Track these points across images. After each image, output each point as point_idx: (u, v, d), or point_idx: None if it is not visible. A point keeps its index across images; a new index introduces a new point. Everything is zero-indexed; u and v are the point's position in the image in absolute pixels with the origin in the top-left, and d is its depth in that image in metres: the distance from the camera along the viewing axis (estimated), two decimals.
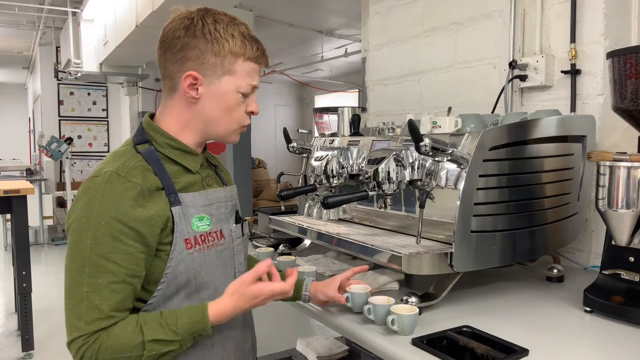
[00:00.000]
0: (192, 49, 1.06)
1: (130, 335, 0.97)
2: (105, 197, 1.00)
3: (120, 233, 0.99)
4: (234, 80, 1.09)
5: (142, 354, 0.97)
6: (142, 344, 0.97)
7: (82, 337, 0.96)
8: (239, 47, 1.07)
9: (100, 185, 1.01)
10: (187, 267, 1.06)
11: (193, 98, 1.09)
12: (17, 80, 12.02)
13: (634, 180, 1.26)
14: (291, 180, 2.91)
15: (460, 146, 1.38)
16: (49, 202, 7.73)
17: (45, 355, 3.47)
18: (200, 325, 1.02)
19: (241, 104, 1.12)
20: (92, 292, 0.97)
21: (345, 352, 2.42)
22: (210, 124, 1.12)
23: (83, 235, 0.98)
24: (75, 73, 6.11)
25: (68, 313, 0.99)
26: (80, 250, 0.98)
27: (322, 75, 9.11)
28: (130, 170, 1.03)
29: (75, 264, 0.99)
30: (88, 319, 0.96)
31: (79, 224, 1.00)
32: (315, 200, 1.95)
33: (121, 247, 0.99)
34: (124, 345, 0.97)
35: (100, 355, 0.96)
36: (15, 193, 3.34)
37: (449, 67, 2.33)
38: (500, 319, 1.30)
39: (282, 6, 5.20)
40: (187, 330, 1.01)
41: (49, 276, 5.62)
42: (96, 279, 0.97)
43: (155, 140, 1.11)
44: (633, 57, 1.33)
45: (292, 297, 1.38)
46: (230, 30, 1.07)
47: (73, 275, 0.99)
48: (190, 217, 1.08)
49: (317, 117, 2.13)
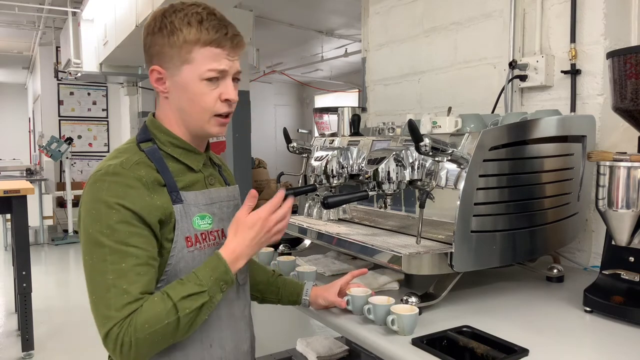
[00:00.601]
0: (154, 46, 1.08)
1: (160, 304, 0.97)
2: (112, 187, 1.00)
3: (132, 218, 0.99)
4: (193, 68, 1.06)
5: (178, 317, 0.97)
6: (174, 307, 0.97)
7: (116, 325, 0.95)
8: (193, 34, 1.05)
9: (106, 177, 1.02)
10: (188, 264, 1.07)
11: (163, 92, 1.11)
12: (17, 80, 12.03)
13: (634, 180, 1.26)
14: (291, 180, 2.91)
15: (460, 146, 1.38)
16: (49, 202, 7.73)
17: (45, 355, 3.47)
18: (220, 269, 1.03)
19: (209, 92, 1.08)
20: (118, 278, 0.96)
21: (345, 352, 2.42)
22: (184, 116, 1.11)
23: (96, 226, 0.98)
24: (75, 73, 6.11)
25: (96, 306, 0.97)
26: (97, 241, 0.98)
27: (322, 75, 9.11)
28: (133, 165, 1.04)
29: (96, 255, 0.98)
30: (118, 305, 0.96)
31: (90, 216, 1.00)
32: (315, 200, 1.95)
33: (137, 230, 1.00)
34: (157, 314, 0.96)
35: (138, 334, 0.94)
36: (15, 193, 3.34)
37: (449, 67, 2.33)
38: (500, 319, 1.30)
39: (282, 6, 5.21)
40: (209, 278, 1.01)
41: (49, 276, 5.63)
42: (120, 265, 0.97)
43: (158, 138, 1.12)
44: (633, 57, 1.33)
45: (293, 302, 1.40)
46: (187, 19, 1.05)
47: (95, 267, 0.98)
48: (192, 215, 1.09)
49: (317, 117, 2.13)
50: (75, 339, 3.78)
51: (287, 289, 1.40)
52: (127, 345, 0.95)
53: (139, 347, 0.95)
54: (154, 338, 0.96)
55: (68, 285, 5.54)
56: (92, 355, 3.46)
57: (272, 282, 1.40)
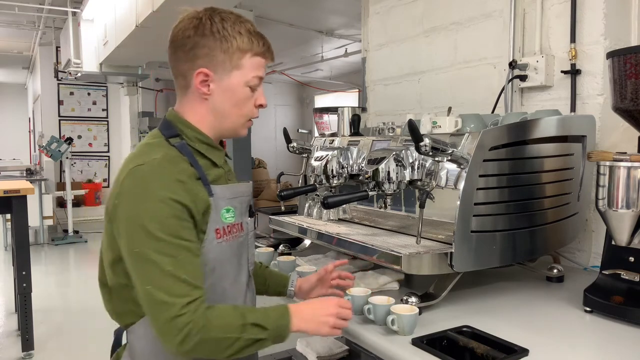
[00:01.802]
0: (202, 47, 1.10)
1: (234, 317, 1.03)
2: (160, 181, 1.03)
3: (182, 212, 1.03)
4: (242, 74, 1.13)
5: (240, 337, 1.02)
6: (242, 327, 1.02)
7: (185, 315, 0.98)
8: (246, 44, 1.11)
9: (152, 171, 1.04)
10: (216, 256, 1.11)
11: (205, 94, 1.13)
12: (17, 80, 12.03)
13: (634, 180, 1.26)
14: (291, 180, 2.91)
15: (460, 146, 1.38)
16: (49, 202, 7.72)
17: (45, 355, 3.47)
18: (283, 321, 1.07)
19: (250, 98, 1.16)
20: (176, 269, 1.00)
21: (345, 352, 2.41)
22: (221, 118, 1.16)
23: (147, 220, 1.00)
24: (75, 73, 6.11)
25: (153, 295, 0.99)
26: (152, 234, 1.00)
27: (322, 75, 9.11)
28: (175, 159, 1.08)
29: (149, 247, 1.00)
30: (178, 292, 0.99)
31: (140, 211, 1.01)
32: (315, 200, 1.95)
33: (186, 224, 1.04)
34: (228, 324, 1.01)
35: (207, 333, 0.99)
36: (15, 193, 3.34)
37: (449, 67, 2.33)
38: (500, 319, 1.30)
39: (282, 6, 5.20)
40: (275, 322, 1.06)
41: (49, 276, 5.63)
42: (176, 257, 1.00)
43: (185, 134, 1.14)
44: (633, 57, 1.33)
45: (278, 292, 1.45)
46: (237, 28, 1.11)
47: (149, 259, 1.00)
48: (220, 208, 1.13)
49: (317, 117, 2.13)
50: (75, 339, 3.78)
51: (274, 280, 1.45)
52: (192, 337, 0.98)
53: (200, 343, 0.99)
54: (216, 344, 1.01)
55: (68, 285, 5.54)
56: (92, 355, 3.46)
57: (260, 273, 1.44)
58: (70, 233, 7.21)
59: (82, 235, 7.25)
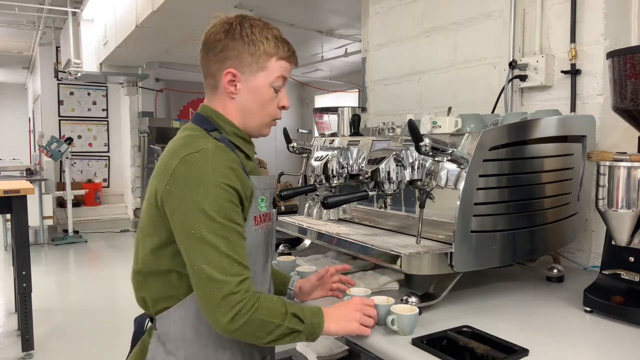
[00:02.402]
0: (232, 50, 1.18)
1: (278, 304, 1.10)
2: (216, 167, 1.09)
3: (235, 198, 1.10)
4: (267, 75, 1.20)
5: (282, 324, 1.08)
6: (284, 315, 1.09)
7: (236, 291, 1.04)
8: (272, 48, 1.19)
9: (206, 158, 1.10)
10: (253, 241, 1.18)
11: (232, 93, 1.20)
12: (17, 80, 12.02)
13: (634, 180, 1.26)
14: (291, 180, 2.91)
15: (460, 146, 1.38)
16: (49, 202, 7.72)
17: (45, 355, 3.47)
18: (320, 318, 1.14)
19: (274, 99, 1.23)
20: (230, 250, 1.06)
21: (345, 352, 2.41)
22: (247, 117, 1.23)
23: (205, 203, 1.06)
24: (75, 73, 6.12)
25: (210, 274, 1.04)
26: (209, 216, 1.06)
27: (322, 75, 9.11)
28: (224, 148, 1.15)
29: (206, 229, 1.06)
30: (233, 272, 1.05)
31: (196, 194, 1.07)
32: (315, 200, 1.95)
33: (237, 209, 1.11)
34: (274, 309, 1.08)
35: (257, 314, 1.05)
36: (15, 193, 3.34)
37: (449, 67, 2.33)
38: (500, 319, 1.30)
39: (282, 6, 5.21)
40: (310, 319, 1.12)
41: (49, 276, 5.63)
42: (229, 239, 1.07)
43: (223, 128, 1.21)
44: (633, 57, 1.33)
45: (279, 292, 1.46)
46: (265, 34, 1.19)
47: (206, 240, 1.05)
48: (257, 197, 1.21)
49: (317, 117, 2.13)
50: (75, 339, 3.78)
51: (275, 279, 1.46)
52: (241, 316, 1.04)
53: (248, 323, 1.05)
54: (261, 326, 1.06)
55: (68, 285, 5.54)
56: (92, 355, 3.46)
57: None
58: (70, 233, 7.21)
59: (82, 235, 7.25)
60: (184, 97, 8.90)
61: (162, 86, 8.53)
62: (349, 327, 1.17)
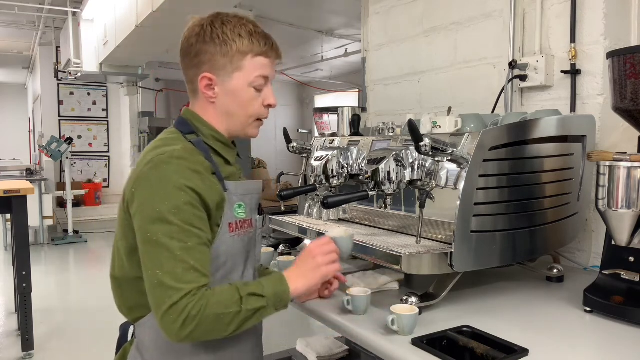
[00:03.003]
0: (205, 54, 1.15)
1: (230, 293, 1.05)
2: (180, 170, 1.06)
3: (197, 202, 1.06)
4: (244, 75, 1.16)
5: (240, 310, 1.04)
6: (240, 299, 1.04)
7: (186, 296, 1.00)
8: (245, 46, 1.14)
9: (172, 160, 1.07)
10: (228, 249, 1.15)
11: (211, 98, 1.18)
12: (17, 80, 12.03)
13: (634, 180, 1.25)
14: (291, 180, 2.91)
15: (460, 146, 1.38)
16: (49, 202, 7.72)
17: (45, 355, 3.47)
18: (281, 288, 1.11)
19: (256, 98, 1.19)
20: (186, 255, 1.02)
21: (345, 352, 2.42)
22: (229, 120, 1.20)
23: (165, 205, 1.03)
24: (75, 73, 6.11)
25: (162, 279, 1.01)
26: (166, 219, 1.03)
27: (322, 75, 9.12)
28: (192, 150, 1.13)
29: (162, 232, 1.03)
30: (187, 279, 1.01)
31: (158, 196, 1.04)
32: (315, 200, 1.95)
33: (199, 214, 1.07)
34: (227, 299, 1.04)
35: (208, 310, 1.00)
36: (15, 193, 3.34)
37: (449, 67, 2.33)
38: (500, 319, 1.30)
39: (282, 6, 5.21)
40: (271, 289, 1.10)
41: (49, 276, 5.63)
42: (187, 243, 1.03)
43: (201, 132, 1.19)
44: (633, 57, 1.33)
45: None
46: (238, 31, 1.14)
47: (161, 244, 1.02)
48: (233, 203, 1.17)
49: (317, 117, 2.13)
50: (75, 339, 3.78)
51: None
52: (192, 319, 0.99)
53: (201, 324, 1.00)
54: (217, 320, 1.02)
55: (68, 285, 5.54)
56: (92, 355, 3.46)
57: (260, 274, 1.44)
58: (70, 233, 7.21)
59: (82, 235, 7.25)
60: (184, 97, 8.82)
61: (162, 86, 8.54)
62: (316, 276, 1.16)
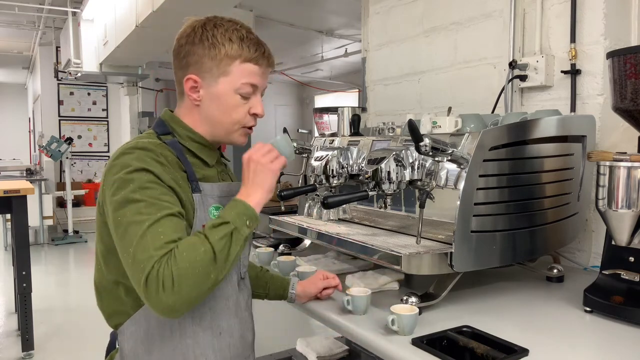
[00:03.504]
0: (192, 55, 1.12)
1: (193, 237, 0.99)
2: (141, 157, 1.04)
3: (160, 182, 1.03)
4: (230, 81, 1.12)
5: (211, 244, 0.97)
6: (205, 237, 0.98)
7: (155, 262, 0.94)
8: (234, 50, 1.11)
9: (134, 150, 1.05)
10: None
11: (196, 100, 1.15)
12: (17, 80, 12.02)
13: (634, 180, 1.26)
14: (291, 180, 2.91)
15: (460, 146, 1.38)
16: (49, 202, 7.73)
17: (45, 355, 3.47)
18: (239, 207, 1.04)
19: (242, 105, 1.15)
20: (154, 225, 0.97)
21: (345, 352, 2.42)
22: (213, 125, 1.17)
23: (128, 188, 1.00)
24: (75, 73, 6.11)
25: (134, 256, 0.96)
26: (131, 199, 0.99)
27: (322, 75, 9.11)
28: (159, 145, 1.09)
29: (130, 212, 0.99)
30: (156, 244, 0.95)
31: (120, 182, 1.01)
32: (315, 200, 1.95)
33: (164, 190, 1.03)
34: (192, 244, 0.97)
35: (179, 263, 0.93)
36: (15, 193, 3.34)
37: (449, 67, 2.33)
38: (500, 319, 1.30)
39: (282, 6, 5.20)
40: (230, 213, 1.03)
41: (49, 276, 5.63)
42: (155, 214, 0.98)
43: (177, 132, 1.16)
44: (633, 57, 1.33)
45: (279, 296, 1.46)
46: (229, 35, 1.11)
47: (131, 222, 0.98)
48: (208, 205, 1.13)
49: (317, 117, 2.13)
50: (75, 339, 3.78)
51: (275, 284, 1.47)
52: (169, 280, 0.92)
53: (181, 280, 0.93)
54: (195, 269, 0.94)
55: (68, 285, 5.54)
56: (92, 355, 3.46)
57: (261, 276, 1.46)
58: (70, 233, 7.21)
59: (82, 235, 7.25)
60: None
61: (162, 86, 8.53)
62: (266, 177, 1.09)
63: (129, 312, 1.11)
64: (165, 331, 1.10)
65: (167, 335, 1.10)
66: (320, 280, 1.45)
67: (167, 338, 1.10)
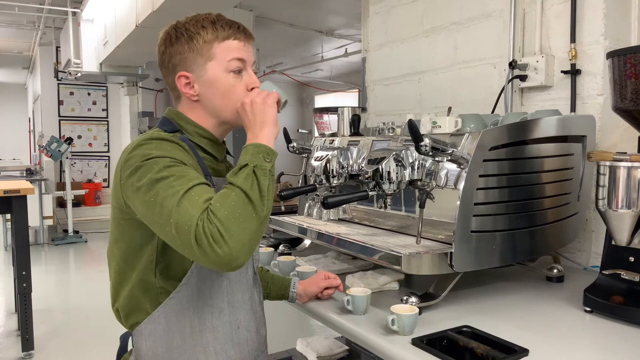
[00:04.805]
0: (175, 55, 1.14)
1: (222, 190, 0.98)
2: (162, 147, 1.04)
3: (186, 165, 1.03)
4: (217, 63, 1.13)
5: (240, 188, 0.96)
6: (230, 184, 0.98)
7: (198, 220, 0.92)
8: (210, 34, 1.12)
9: (150, 141, 1.05)
10: None
11: (193, 95, 1.15)
12: (17, 80, 12.02)
13: (634, 180, 1.26)
14: (291, 180, 2.91)
15: (460, 146, 1.38)
16: (49, 202, 7.72)
17: (45, 355, 3.47)
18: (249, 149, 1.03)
19: (238, 84, 1.14)
20: (187, 192, 0.96)
21: (345, 352, 2.42)
22: (217, 113, 1.16)
23: (153, 169, 1.00)
24: (75, 73, 6.11)
25: (176, 223, 0.94)
26: (159, 178, 0.98)
27: (322, 75, 9.11)
28: (174, 137, 1.09)
29: (161, 189, 0.97)
30: (194, 205, 0.94)
31: (145, 168, 1.00)
32: (315, 200, 1.95)
33: (191, 169, 1.03)
34: (222, 194, 0.96)
35: (219, 213, 0.93)
36: (15, 193, 3.34)
37: (449, 67, 2.33)
38: (500, 319, 1.30)
39: (282, 6, 5.20)
40: (245, 156, 1.02)
41: (49, 276, 5.63)
42: (187, 184, 0.97)
43: (185, 129, 1.16)
44: (633, 57, 1.33)
45: (280, 296, 1.47)
46: (200, 23, 1.13)
47: (165, 196, 0.97)
48: None
49: (317, 117, 2.13)
50: (75, 339, 3.78)
51: (275, 284, 1.47)
52: (216, 232, 0.91)
53: (227, 227, 0.92)
54: (235, 213, 0.94)
55: (68, 285, 5.54)
56: (92, 355, 3.46)
57: (262, 277, 1.46)
58: (70, 233, 7.21)
59: (82, 235, 7.25)
60: None
61: (162, 86, 8.53)
62: (266, 111, 1.08)
63: (148, 311, 1.11)
64: (185, 327, 1.11)
65: (187, 332, 1.11)
66: (322, 280, 1.46)
67: (187, 335, 1.11)
